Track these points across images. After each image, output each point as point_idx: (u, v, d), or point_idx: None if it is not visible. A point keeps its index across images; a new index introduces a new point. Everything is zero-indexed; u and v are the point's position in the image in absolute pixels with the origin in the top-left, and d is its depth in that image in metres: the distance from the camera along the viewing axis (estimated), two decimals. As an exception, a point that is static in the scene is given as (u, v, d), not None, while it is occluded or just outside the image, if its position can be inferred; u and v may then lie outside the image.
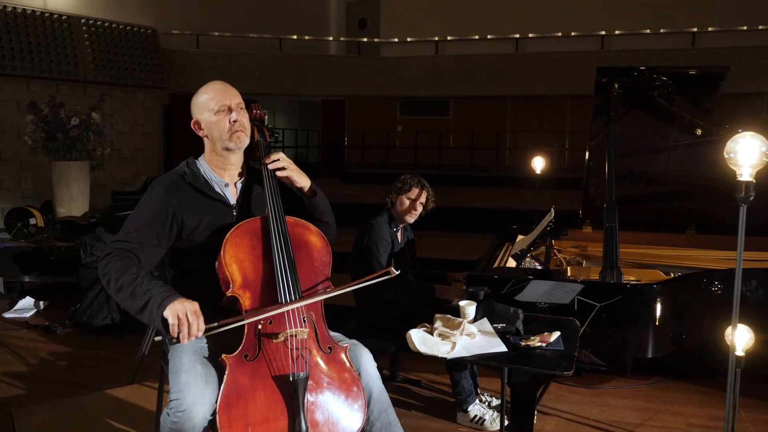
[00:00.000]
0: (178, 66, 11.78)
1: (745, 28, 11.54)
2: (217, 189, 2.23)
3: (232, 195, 2.26)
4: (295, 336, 1.99)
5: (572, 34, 12.65)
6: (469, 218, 7.77)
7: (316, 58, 13.67)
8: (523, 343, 2.40)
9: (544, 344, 2.38)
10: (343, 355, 2.09)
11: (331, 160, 14.23)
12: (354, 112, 14.10)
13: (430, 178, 3.75)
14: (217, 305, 2.03)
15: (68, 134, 6.39)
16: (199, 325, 1.85)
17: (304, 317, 2.05)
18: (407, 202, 3.55)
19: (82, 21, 10.25)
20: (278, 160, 2.21)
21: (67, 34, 9.99)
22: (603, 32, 12.42)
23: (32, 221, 6.58)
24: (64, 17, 9.99)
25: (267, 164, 2.19)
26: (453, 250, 6.17)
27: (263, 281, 2.05)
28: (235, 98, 2.21)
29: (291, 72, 12.91)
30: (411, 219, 3.59)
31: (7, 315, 5.41)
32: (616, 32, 12.34)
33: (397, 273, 2.02)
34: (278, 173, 2.20)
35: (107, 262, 2.00)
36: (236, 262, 2.03)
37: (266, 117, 2.39)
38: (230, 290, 2.00)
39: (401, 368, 4.05)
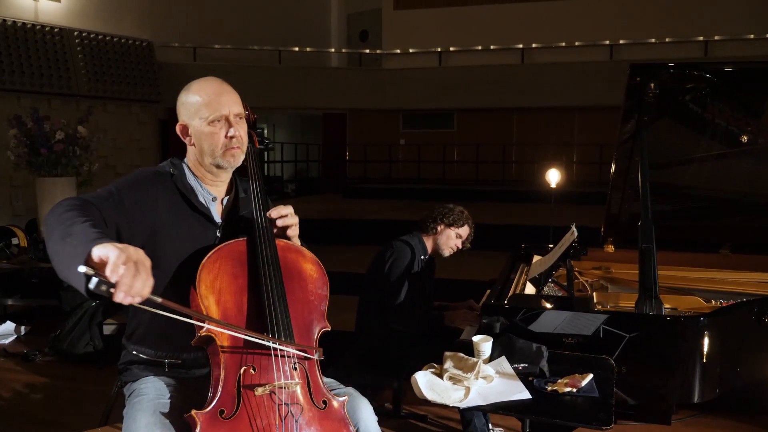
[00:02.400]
0: (175, 79, 11.52)
1: (752, 36, 11.31)
2: (203, 201, 1.87)
3: (217, 212, 1.90)
4: (284, 389, 1.63)
5: (580, 44, 12.39)
6: (477, 235, 7.42)
7: (316, 70, 13.47)
8: (549, 388, 2.04)
9: (574, 389, 2.01)
10: (340, 411, 1.72)
11: (332, 174, 14.00)
12: (355, 126, 13.87)
13: (434, 193, 3.48)
14: (188, 344, 1.67)
15: (52, 149, 6.09)
16: (146, 283, 1.33)
17: (294, 364, 1.69)
18: (454, 238, 3.34)
19: (75, 33, 10.03)
20: (287, 216, 1.86)
21: (59, 47, 9.76)
22: (608, 42, 12.18)
23: (15, 241, 6.26)
24: (56, 30, 9.76)
25: (277, 219, 1.83)
26: (461, 269, 5.82)
27: (247, 318, 1.69)
28: (234, 106, 1.84)
29: (291, 85, 12.69)
30: (447, 254, 3.37)
31: (-15, 342, 5.10)
32: (626, 42, 12.09)
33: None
34: (284, 228, 1.85)
35: (58, 203, 1.57)
36: (214, 293, 1.67)
37: (255, 119, 2.04)
38: (204, 328, 1.62)
39: (405, 401, 3.71)
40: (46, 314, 5.63)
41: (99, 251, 1.32)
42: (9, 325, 5.31)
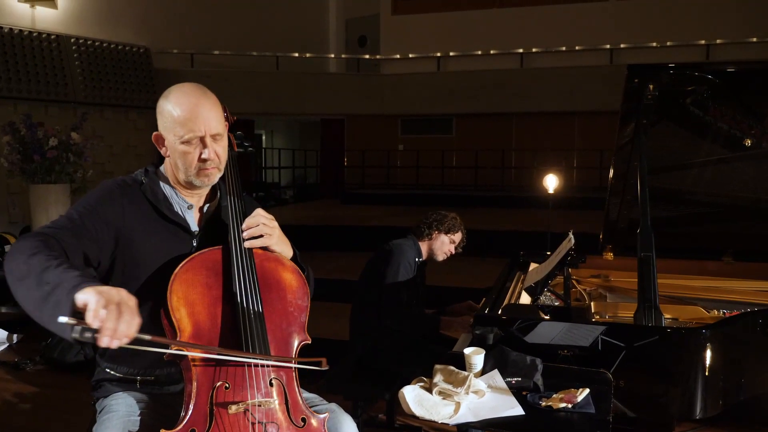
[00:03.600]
0: (172, 86, 11.50)
1: (755, 39, 11.25)
2: (178, 210, 1.78)
3: (194, 220, 1.81)
4: (259, 406, 1.55)
5: (579, 48, 12.33)
6: (474, 241, 7.32)
7: (314, 76, 13.43)
8: (543, 404, 1.95)
9: (570, 405, 1.92)
10: (320, 429, 1.65)
11: (331, 180, 13.99)
12: (354, 131, 13.83)
13: (433, 199, 3.45)
14: (161, 359, 1.58)
15: (45, 156, 6.02)
16: (131, 324, 1.29)
17: (271, 380, 1.61)
18: (448, 243, 3.44)
19: (72, 40, 10.00)
20: (257, 226, 1.72)
21: (56, 54, 9.73)
22: (608, 46, 12.13)
23: (7, 248, 6.19)
24: (53, 37, 9.73)
25: (243, 232, 1.72)
26: (458, 275, 5.74)
27: (221, 331, 1.61)
28: (211, 123, 1.70)
29: (289, 90, 12.65)
30: (441, 259, 3.46)
31: (-24, 351, 5.04)
32: (626, 46, 12.03)
33: (326, 369, 1.69)
34: (252, 242, 1.72)
35: (18, 244, 1.49)
36: (186, 305, 1.59)
37: (235, 120, 1.94)
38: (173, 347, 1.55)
39: (399, 412, 3.61)
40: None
41: (81, 297, 1.29)
42: (1, 333, 5.25)
